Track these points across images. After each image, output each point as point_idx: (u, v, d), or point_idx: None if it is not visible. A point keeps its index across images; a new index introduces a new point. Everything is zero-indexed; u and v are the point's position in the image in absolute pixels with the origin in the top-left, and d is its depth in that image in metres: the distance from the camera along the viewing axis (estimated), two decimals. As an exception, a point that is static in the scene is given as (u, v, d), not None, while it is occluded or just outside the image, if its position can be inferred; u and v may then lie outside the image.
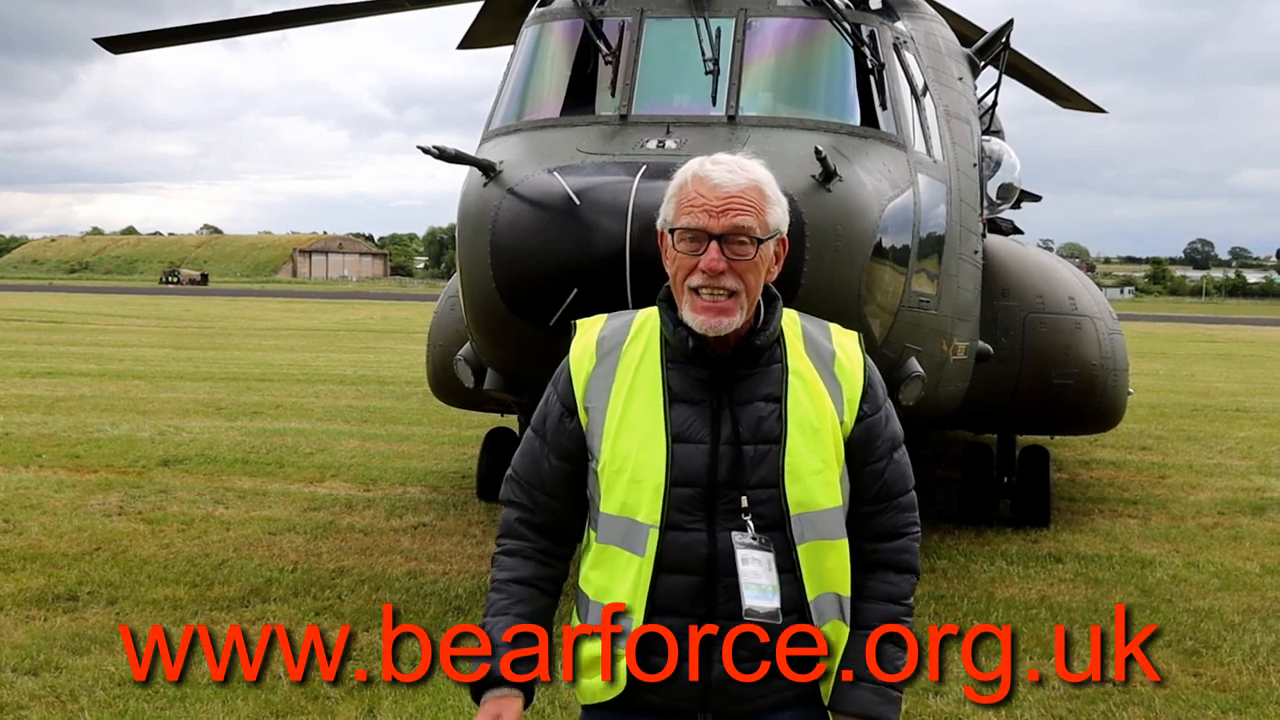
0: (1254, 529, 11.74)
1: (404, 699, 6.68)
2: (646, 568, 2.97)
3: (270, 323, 49.22)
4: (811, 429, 3.01)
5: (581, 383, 3.10)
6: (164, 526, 10.69)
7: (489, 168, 7.36)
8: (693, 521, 2.97)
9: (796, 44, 8.35)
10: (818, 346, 3.12)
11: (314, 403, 20.29)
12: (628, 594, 2.98)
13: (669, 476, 2.97)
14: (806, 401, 3.03)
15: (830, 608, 3.04)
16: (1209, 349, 45.15)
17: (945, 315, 9.12)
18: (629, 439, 3.01)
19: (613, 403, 3.05)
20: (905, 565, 3.17)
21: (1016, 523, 11.54)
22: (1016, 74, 14.42)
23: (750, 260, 2.96)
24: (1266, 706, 6.91)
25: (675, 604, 2.97)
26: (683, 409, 3.02)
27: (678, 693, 2.99)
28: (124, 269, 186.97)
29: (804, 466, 2.99)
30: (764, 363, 3.06)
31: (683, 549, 2.96)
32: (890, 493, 3.15)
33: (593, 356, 3.12)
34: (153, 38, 12.35)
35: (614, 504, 3.02)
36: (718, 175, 2.99)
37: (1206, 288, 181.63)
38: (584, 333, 3.19)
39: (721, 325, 2.96)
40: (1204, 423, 20.33)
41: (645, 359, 3.07)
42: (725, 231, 2.94)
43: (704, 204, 2.97)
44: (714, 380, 3.03)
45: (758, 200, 2.99)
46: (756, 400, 3.02)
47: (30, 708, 6.51)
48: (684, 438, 2.99)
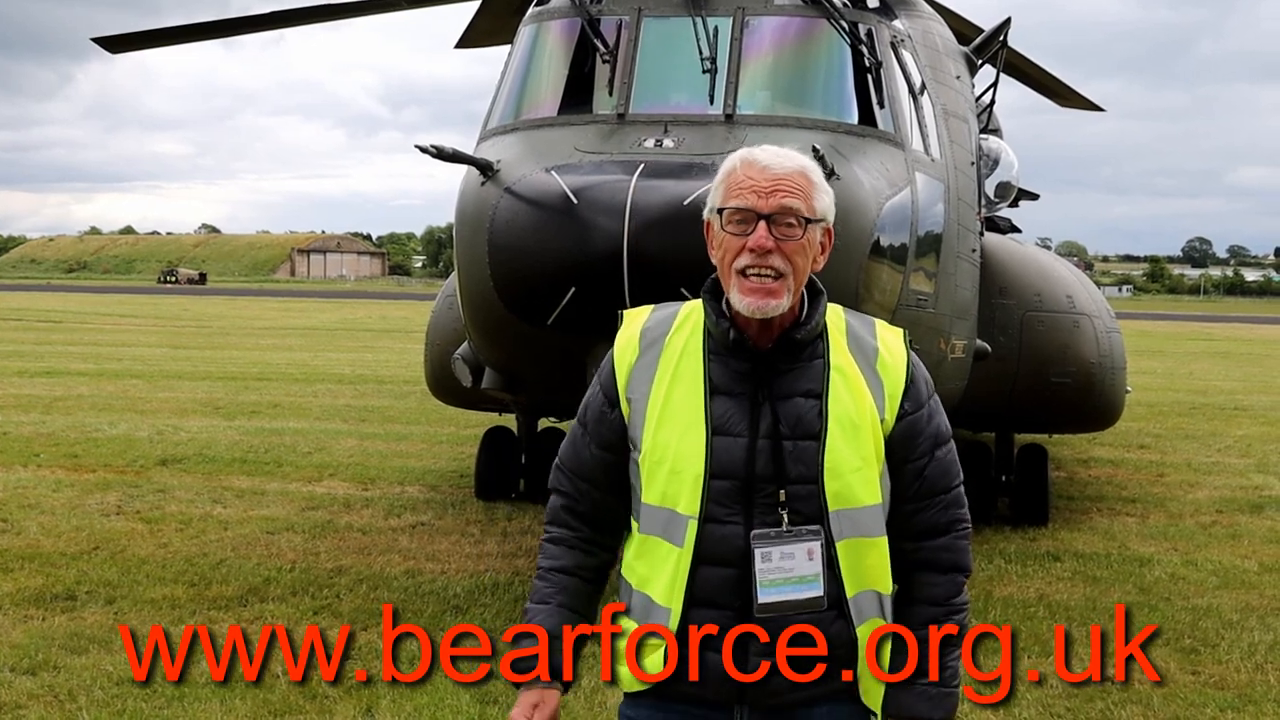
0: (1252, 527, 11.75)
1: (402, 698, 6.67)
2: (685, 559, 2.98)
3: (268, 322, 49.22)
4: (852, 425, 3.01)
5: (624, 374, 3.12)
6: (162, 526, 10.69)
7: (487, 167, 7.35)
8: (730, 514, 2.98)
9: (794, 42, 8.35)
10: (861, 342, 3.12)
11: (312, 402, 20.29)
12: (666, 585, 3.01)
13: (708, 468, 2.98)
14: (848, 398, 3.03)
15: (870, 605, 3.04)
16: (1207, 347, 45.18)
17: (943, 314, 9.13)
18: (670, 429, 3.02)
19: (654, 393, 3.06)
20: (950, 564, 3.17)
21: (1015, 521, 11.54)
22: (1014, 72, 14.43)
23: (798, 241, 2.98)
24: (1265, 704, 6.92)
25: (712, 596, 2.98)
26: (723, 401, 3.02)
27: (714, 685, 2.99)
28: (122, 268, 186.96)
29: (844, 464, 2.99)
30: (806, 358, 3.05)
31: (720, 541, 2.97)
32: (932, 489, 3.14)
33: (636, 348, 3.13)
34: (150, 37, 12.35)
35: (655, 494, 3.03)
36: (766, 158, 3.02)
37: (1204, 286, 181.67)
38: (629, 324, 3.20)
39: (769, 307, 2.96)
40: (1202, 421, 20.34)
41: (688, 350, 3.08)
42: (774, 211, 2.96)
43: (752, 184, 2.98)
44: (755, 373, 3.03)
45: (805, 184, 3.02)
46: (797, 395, 3.02)
47: (29, 707, 6.50)
48: (723, 430, 3.00)
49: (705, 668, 2.99)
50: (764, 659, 2.96)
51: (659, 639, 3.01)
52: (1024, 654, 7.57)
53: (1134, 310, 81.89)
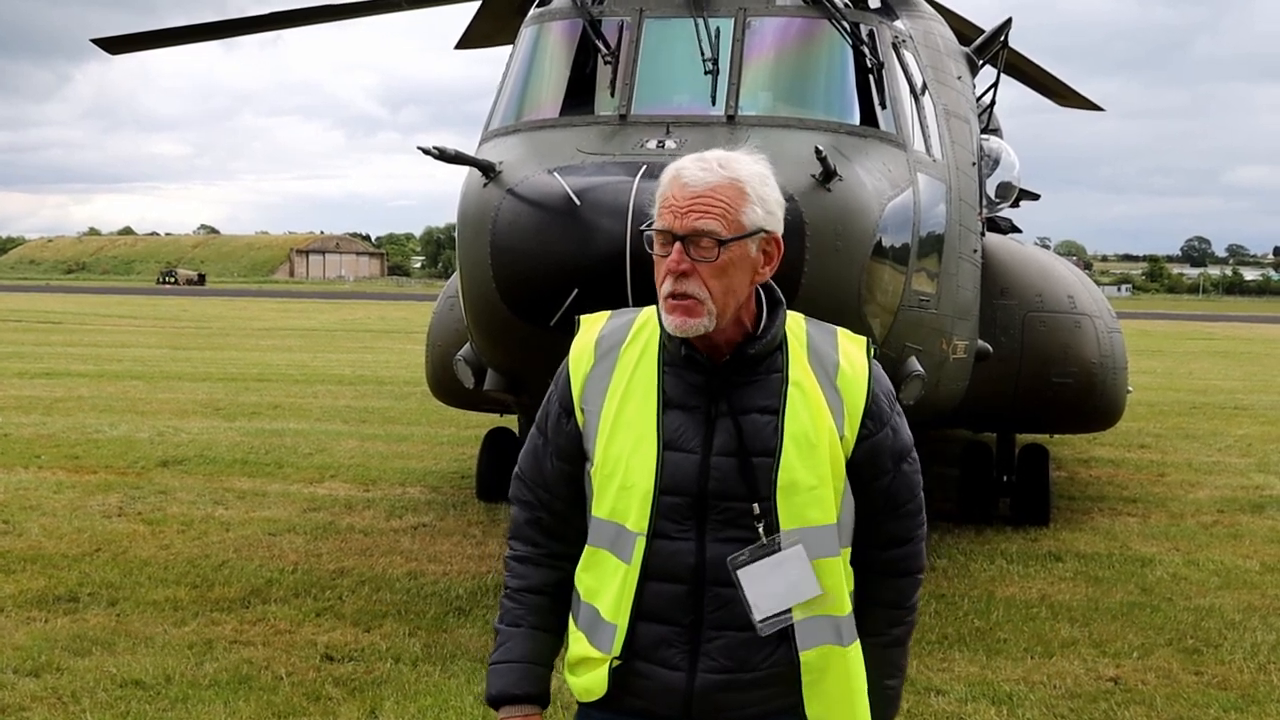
0: (1253, 527, 11.76)
1: (406, 699, 6.68)
2: (633, 575, 2.92)
3: (268, 323, 49.21)
4: (808, 444, 2.91)
5: (580, 383, 3.04)
6: (164, 527, 10.69)
7: (489, 168, 7.35)
8: (682, 530, 2.91)
9: (796, 43, 8.35)
10: (821, 356, 3.01)
11: (312, 403, 20.29)
12: (613, 600, 2.95)
13: (658, 484, 2.91)
14: (805, 415, 2.93)
15: (820, 630, 2.95)
16: (1207, 346, 45.20)
17: (945, 314, 9.13)
18: (621, 443, 2.94)
19: (608, 404, 2.98)
20: (908, 569, 3.13)
21: (1016, 521, 11.54)
22: (1015, 72, 14.43)
23: (712, 263, 2.84)
24: (1268, 705, 6.91)
25: (661, 612, 2.92)
26: (676, 415, 2.94)
27: (661, 700, 2.94)
28: (121, 269, 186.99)
29: (799, 482, 2.90)
30: (763, 371, 2.96)
31: (669, 558, 2.91)
32: (897, 503, 3.08)
33: (591, 356, 3.05)
34: (150, 38, 12.35)
35: (605, 509, 2.97)
36: (689, 174, 2.88)
37: (1204, 285, 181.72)
38: (585, 331, 3.11)
39: (689, 326, 2.85)
40: (1203, 420, 20.35)
41: (643, 361, 2.99)
42: (686, 234, 2.84)
43: (672, 204, 2.87)
44: (709, 387, 2.94)
45: (729, 199, 2.86)
46: (752, 411, 2.92)
47: (32, 709, 6.50)
48: (675, 445, 2.92)
49: (653, 684, 2.94)
50: (713, 675, 2.92)
51: (602, 656, 2.96)
52: (1026, 654, 7.58)
53: (1133, 310, 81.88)
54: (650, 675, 2.95)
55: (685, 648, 2.93)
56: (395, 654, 7.42)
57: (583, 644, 3.02)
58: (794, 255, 6.96)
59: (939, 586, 9.18)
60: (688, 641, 2.93)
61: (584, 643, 3.01)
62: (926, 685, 6.97)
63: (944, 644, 7.77)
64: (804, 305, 6.83)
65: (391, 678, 7.04)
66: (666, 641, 2.93)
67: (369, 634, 7.80)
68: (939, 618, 8.33)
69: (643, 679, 2.96)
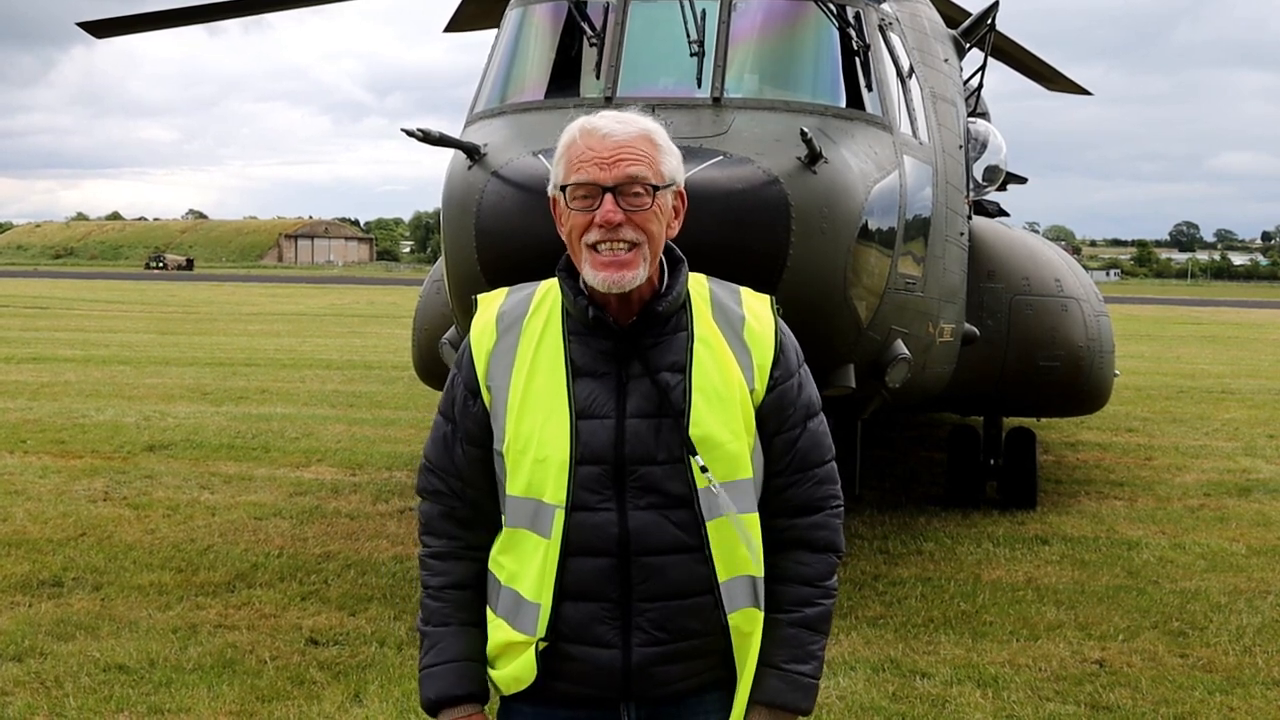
0: (1240, 510, 11.78)
1: (390, 683, 6.66)
2: (554, 551, 2.85)
3: (256, 308, 49.10)
4: (718, 398, 2.88)
5: (483, 361, 2.97)
6: (149, 512, 10.66)
7: (473, 150, 7.33)
8: (601, 501, 2.85)
9: (781, 26, 8.32)
10: (726, 311, 2.99)
11: (300, 388, 20.24)
12: (535, 579, 2.88)
13: (574, 454, 2.85)
14: (713, 369, 2.89)
15: (742, 593, 2.92)
16: (1194, 331, 45.28)
17: (931, 298, 9.11)
18: (532, 417, 2.88)
19: (515, 380, 2.92)
20: (822, 543, 3.03)
21: (1003, 505, 11.56)
22: (1002, 56, 14.43)
23: (648, 210, 2.83)
24: (1252, 687, 6.93)
25: (586, 588, 2.86)
26: (586, 383, 2.89)
27: (595, 681, 2.89)
28: (109, 254, 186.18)
29: (712, 436, 2.86)
30: (670, 330, 2.92)
31: (591, 531, 2.84)
32: (805, 463, 3.01)
33: (493, 333, 2.99)
34: (135, 22, 12.29)
35: (519, 485, 2.89)
36: (606, 126, 2.85)
37: (1192, 270, 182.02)
38: (485, 308, 3.05)
39: (625, 280, 2.82)
40: (1190, 404, 20.38)
41: (547, 333, 2.94)
42: (618, 182, 2.81)
43: (593, 157, 2.83)
44: (618, 351, 2.90)
45: (648, 149, 2.86)
46: (662, 370, 2.88)
47: (15, 694, 6.48)
48: (588, 413, 2.87)
49: (586, 665, 2.88)
50: (648, 649, 2.87)
51: (526, 639, 2.89)
52: (1012, 637, 7.59)
53: (1121, 294, 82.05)
54: (583, 657, 2.88)
55: (616, 623, 2.87)
56: (380, 638, 7.41)
57: (504, 630, 2.94)
58: (779, 237, 6.95)
59: (925, 569, 9.19)
60: (618, 617, 2.87)
61: (505, 629, 2.94)
62: (912, 668, 6.98)
63: (930, 627, 7.77)
64: (789, 288, 6.87)
65: (376, 661, 7.03)
66: (596, 619, 2.87)
67: (354, 618, 7.79)
68: (925, 601, 8.34)
69: (574, 662, 2.89)
